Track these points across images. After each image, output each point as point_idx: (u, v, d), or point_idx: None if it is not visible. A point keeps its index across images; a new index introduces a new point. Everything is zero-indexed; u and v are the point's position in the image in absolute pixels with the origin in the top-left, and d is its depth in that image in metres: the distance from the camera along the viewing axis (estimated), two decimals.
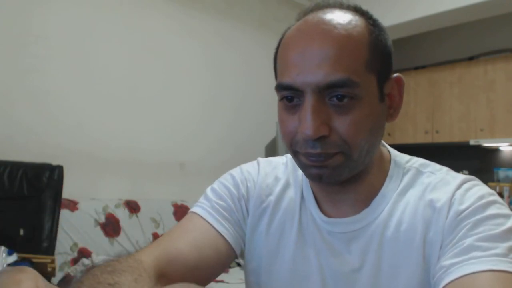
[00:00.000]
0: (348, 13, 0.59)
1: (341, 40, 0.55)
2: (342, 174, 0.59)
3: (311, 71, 0.55)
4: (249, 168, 0.76)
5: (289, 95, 0.58)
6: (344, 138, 0.56)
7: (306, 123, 0.55)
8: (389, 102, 0.62)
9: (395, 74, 0.63)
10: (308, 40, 0.56)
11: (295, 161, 0.63)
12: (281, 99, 0.60)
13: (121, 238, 2.34)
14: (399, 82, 0.63)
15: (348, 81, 0.54)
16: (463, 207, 0.57)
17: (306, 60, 0.56)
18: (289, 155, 0.76)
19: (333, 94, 0.55)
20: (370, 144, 0.59)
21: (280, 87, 0.59)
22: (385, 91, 0.61)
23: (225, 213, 0.69)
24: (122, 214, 2.41)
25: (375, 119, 0.58)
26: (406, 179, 0.65)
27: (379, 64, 0.58)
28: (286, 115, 0.60)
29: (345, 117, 0.56)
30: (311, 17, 0.60)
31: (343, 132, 0.56)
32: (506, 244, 0.52)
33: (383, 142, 0.70)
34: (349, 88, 0.55)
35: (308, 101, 0.56)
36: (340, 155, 0.57)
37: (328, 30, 0.56)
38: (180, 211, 2.67)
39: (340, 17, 0.58)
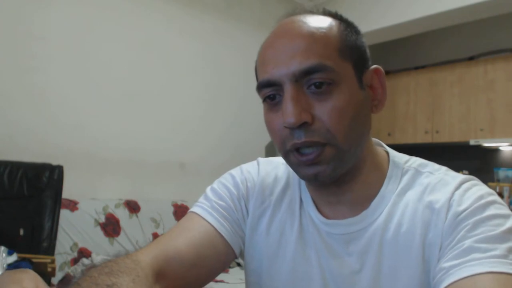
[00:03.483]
0: (317, 14, 0.63)
1: (311, 31, 0.58)
2: (337, 169, 0.59)
3: (285, 63, 0.57)
4: (249, 168, 0.75)
5: (270, 93, 0.60)
6: (327, 127, 0.56)
7: (287, 111, 0.56)
8: (372, 94, 0.63)
9: (374, 66, 0.64)
10: (279, 37, 0.60)
11: (289, 165, 0.63)
12: (264, 100, 0.61)
13: (121, 238, 2.34)
14: (379, 73, 0.64)
15: (321, 66, 0.56)
16: (462, 208, 0.57)
17: (279, 54, 0.58)
18: None
19: (310, 82, 0.57)
20: (357, 133, 0.59)
21: (260, 86, 0.60)
22: (365, 82, 0.61)
23: (224, 213, 0.69)
24: (122, 214, 2.41)
25: (357, 106, 0.59)
26: (405, 180, 0.64)
27: (353, 53, 0.60)
28: (271, 115, 0.61)
29: (325, 104, 0.57)
30: (283, 21, 0.63)
31: (326, 119, 0.56)
32: (505, 245, 0.52)
33: (381, 142, 0.70)
34: (324, 73, 0.56)
35: (288, 92, 0.57)
36: (329, 148, 0.57)
37: (298, 26, 0.60)
38: (180, 211, 2.67)
39: (309, 16, 0.61)
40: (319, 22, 0.60)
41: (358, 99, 0.59)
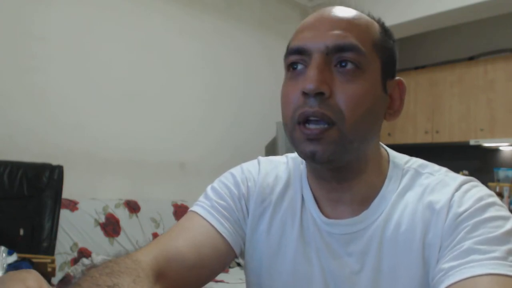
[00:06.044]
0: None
1: (354, 17, 0.61)
2: (336, 153, 0.58)
3: (321, 34, 0.58)
4: (250, 167, 0.75)
5: (295, 61, 0.60)
6: (341, 107, 0.56)
7: (309, 77, 0.57)
8: (390, 103, 0.63)
9: (398, 78, 0.65)
10: (321, 14, 0.62)
11: (292, 142, 0.62)
12: (287, 69, 0.62)
13: (121, 238, 2.34)
14: (401, 86, 0.65)
15: (355, 46, 0.57)
16: (462, 209, 0.57)
17: (317, 26, 0.60)
18: (289, 155, 0.75)
19: (340, 59, 0.57)
20: (365, 128, 0.59)
21: (289, 52, 0.61)
22: (388, 89, 0.62)
23: (225, 213, 0.69)
24: (122, 214, 2.41)
25: (374, 102, 0.59)
26: (405, 180, 0.64)
27: (384, 53, 0.61)
28: (290, 84, 0.61)
29: (347, 86, 0.57)
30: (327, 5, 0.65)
31: (342, 100, 0.57)
32: (505, 247, 0.52)
33: (380, 142, 0.70)
34: (355, 54, 0.57)
35: (315, 60, 0.58)
36: (335, 129, 0.57)
37: (342, 9, 0.62)
38: (180, 211, 2.67)
39: (354, 10, 0.63)
40: (363, 15, 0.63)
41: (377, 96, 0.60)
